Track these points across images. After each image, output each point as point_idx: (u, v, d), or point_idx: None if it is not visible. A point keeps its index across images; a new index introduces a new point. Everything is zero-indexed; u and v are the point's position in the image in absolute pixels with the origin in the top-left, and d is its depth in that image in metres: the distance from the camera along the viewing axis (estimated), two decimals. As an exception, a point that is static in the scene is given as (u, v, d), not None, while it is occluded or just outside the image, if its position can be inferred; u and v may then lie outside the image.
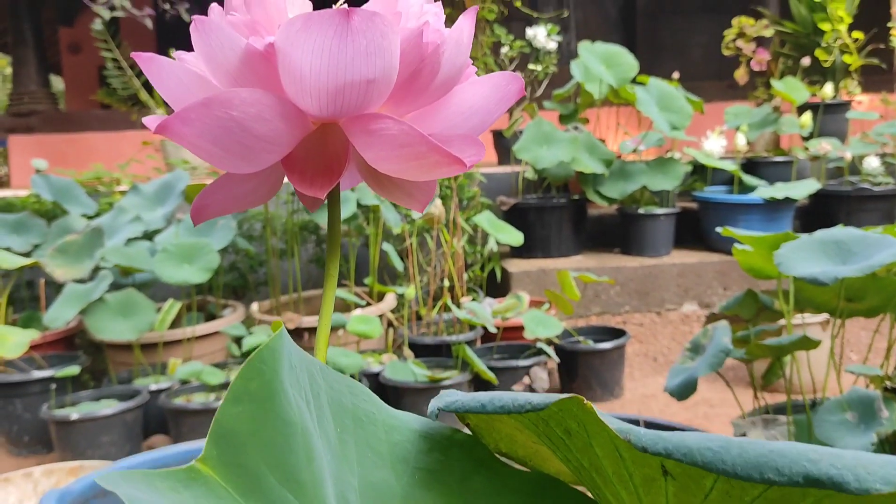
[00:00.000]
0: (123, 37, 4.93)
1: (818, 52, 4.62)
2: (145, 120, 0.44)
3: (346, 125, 0.44)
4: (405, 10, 0.44)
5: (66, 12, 8.26)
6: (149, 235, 3.11)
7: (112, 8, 4.31)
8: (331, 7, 0.39)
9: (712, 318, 1.93)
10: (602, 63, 4.07)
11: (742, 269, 1.99)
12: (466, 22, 0.44)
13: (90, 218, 3.31)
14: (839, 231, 1.57)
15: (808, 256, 1.54)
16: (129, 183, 3.80)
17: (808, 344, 1.58)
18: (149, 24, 4.55)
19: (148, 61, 0.43)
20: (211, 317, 3.22)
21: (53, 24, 8.37)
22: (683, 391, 1.69)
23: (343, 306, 3.18)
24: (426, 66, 0.43)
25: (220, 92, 0.39)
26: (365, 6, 0.43)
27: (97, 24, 4.32)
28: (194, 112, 0.40)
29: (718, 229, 1.89)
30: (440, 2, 0.47)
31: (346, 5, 0.45)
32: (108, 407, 2.42)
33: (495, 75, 0.47)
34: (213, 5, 0.46)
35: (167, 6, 4.64)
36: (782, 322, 1.86)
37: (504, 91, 0.47)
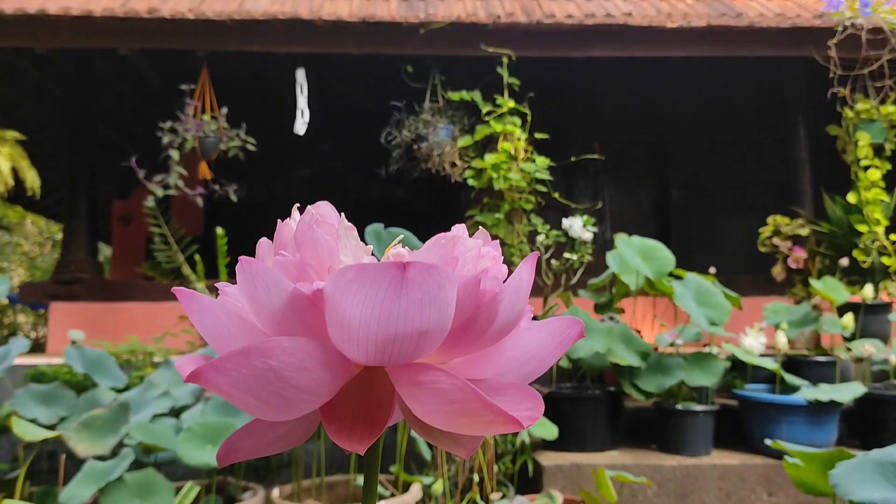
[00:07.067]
0: (173, 213, 5.12)
1: (856, 253, 4.61)
2: (177, 363, 0.41)
3: (392, 372, 0.40)
4: (462, 255, 0.42)
5: (122, 186, 8.67)
6: (176, 412, 3.06)
7: (166, 187, 4.50)
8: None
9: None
10: (639, 256, 4.10)
11: (793, 483, 1.88)
12: (526, 269, 0.42)
13: (119, 391, 3.28)
14: (897, 451, 1.47)
15: (866, 479, 1.44)
16: (163, 356, 3.80)
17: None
18: (199, 202, 4.73)
19: (188, 298, 0.41)
20: (230, 499, 3.09)
21: (108, 196, 8.76)
22: None
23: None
24: (482, 314, 0.40)
25: (260, 342, 0.37)
26: (423, 250, 0.41)
27: (150, 201, 4.49)
28: (231, 362, 0.37)
29: (768, 441, 1.80)
30: (497, 242, 0.45)
31: (399, 245, 0.43)
32: None
33: (554, 320, 0.44)
34: (262, 241, 0.44)
35: (217, 186, 4.84)
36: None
37: (563, 336, 0.44)
